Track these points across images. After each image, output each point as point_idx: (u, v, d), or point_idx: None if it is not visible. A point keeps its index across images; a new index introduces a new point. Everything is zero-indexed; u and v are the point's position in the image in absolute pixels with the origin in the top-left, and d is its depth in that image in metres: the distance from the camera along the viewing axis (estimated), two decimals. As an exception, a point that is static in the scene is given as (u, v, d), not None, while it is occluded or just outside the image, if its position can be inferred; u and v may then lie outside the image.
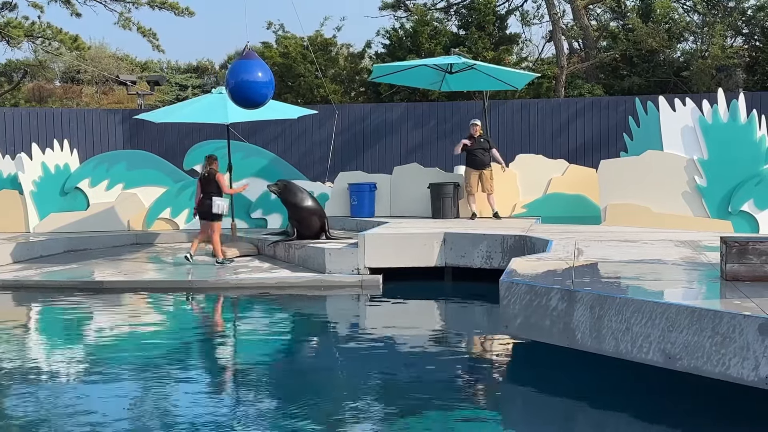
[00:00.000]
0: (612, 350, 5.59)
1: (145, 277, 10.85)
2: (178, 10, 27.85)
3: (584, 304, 5.74)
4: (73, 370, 6.71)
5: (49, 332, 8.60)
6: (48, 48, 28.97)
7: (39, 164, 14.39)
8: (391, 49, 25.07)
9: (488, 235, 10.43)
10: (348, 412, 5.52)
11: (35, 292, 10.27)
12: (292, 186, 12.07)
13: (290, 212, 12.01)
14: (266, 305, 9.62)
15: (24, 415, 5.44)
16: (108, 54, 33.44)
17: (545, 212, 13.36)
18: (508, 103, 20.19)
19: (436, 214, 13.40)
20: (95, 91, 31.88)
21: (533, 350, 6.62)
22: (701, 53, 23.78)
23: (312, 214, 11.90)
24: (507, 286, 6.37)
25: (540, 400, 5.80)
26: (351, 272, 10.41)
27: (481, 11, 24.52)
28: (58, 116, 20.77)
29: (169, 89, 31.43)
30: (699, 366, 5.10)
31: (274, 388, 6.24)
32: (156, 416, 5.41)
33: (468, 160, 13.25)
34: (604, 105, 19.65)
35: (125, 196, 14.66)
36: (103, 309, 9.33)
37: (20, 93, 30.97)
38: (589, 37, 26.17)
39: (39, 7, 28.45)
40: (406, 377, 6.40)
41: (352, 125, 20.18)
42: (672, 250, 8.36)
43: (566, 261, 7.52)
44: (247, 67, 10.16)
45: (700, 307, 5.11)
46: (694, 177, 11.39)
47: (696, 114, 11.54)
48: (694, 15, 26.07)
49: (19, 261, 11.99)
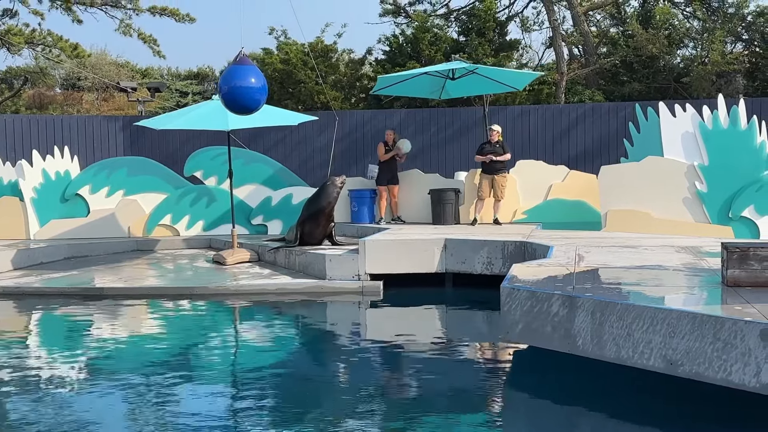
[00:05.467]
0: (613, 356, 5.58)
1: (146, 283, 10.84)
2: (179, 17, 27.89)
3: (585, 310, 5.74)
4: (73, 377, 6.69)
5: (49, 339, 8.59)
6: (48, 55, 29.02)
7: (39, 171, 14.40)
8: (392, 56, 25.09)
9: (489, 241, 10.43)
10: (348, 420, 5.50)
11: (36, 298, 10.26)
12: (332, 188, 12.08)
13: (314, 211, 11.93)
14: (267, 312, 9.61)
15: (25, 423, 5.43)
16: (109, 61, 33.49)
17: (546, 218, 13.38)
18: (508, 109, 20.19)
19: (436, 220, 13.42)
20: (96, 98, 31.91)
21: (535, 356, 6.61)
22: (701, 59, 23.82)
23: (329, 220, 11.92)
24: (508, 292, 6.37)
25: (542, 407, 5.78)
26: (352, 278, 10.41)
27: (481, 17, 24.56)
28: (59, 123, 20.78)
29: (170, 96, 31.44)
30: (701, 372, 5.09)
31: (274, 395, 6.22)
32: (156, 423, 5.39)
33: (483, 166, 13.30)
34: (605, 111, 19.66)
35: (126, 203, 14.67)
36: (104, 316, 9.32)
37: (21, 100, 30.99)
38: (589, 43, 26.21)
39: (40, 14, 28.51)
40: (407, 384, 6.39)
41: (352, 131, 20.18)
42: (673, 255, 8.35)
43: (567, 267, 7.52)
44: (240, 72, 10.15)
45: (701, 313, 5.10)
46: (694, 183, 11.39)
47: (696, 120, 11.55)
48: (693, 21, 26.12)
49: (20, 267, 11.99)
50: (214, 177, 15.00)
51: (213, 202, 14.87)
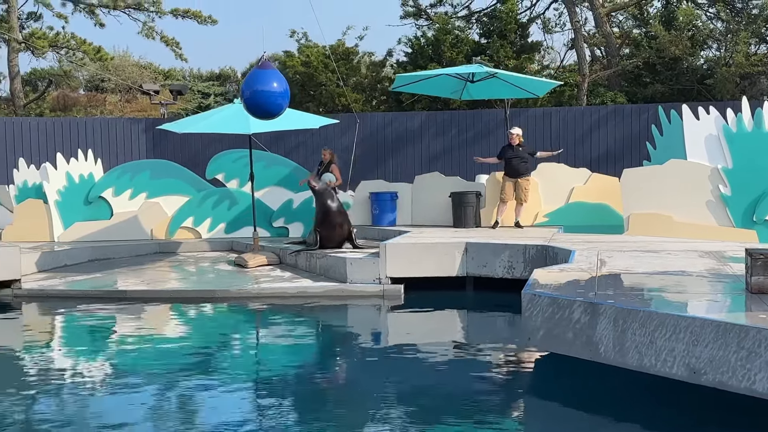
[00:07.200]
0: (636, 364, 5.55)
1: (168, 286, 10.91)
2: (201, 19, 28.09)
3: (607, 318, 5.71)
4: (97, 379, 6.75)
5: (73, 341, 8.67)
6: (72, 58, 29.30)
7: (63, 174, 14.53)
8: (413, 58, 25.09)
9: (510, 245, 10.40)
10: (368, 423, 5.51)
11: (60, 301, 10.36)
12: (331, 191, 12.13)
13: (320, 217, 12.00)
14: (287, 315, 9.64)
15: (50, 424, 5.48)
16: (131, 62, 33.74)
17: (567, 221, 13.31)
18: (530, 111, 20.13)
19: (457, 223, 13.38)
20: (119, 100, 32.17)
21: (556, 362, 6.58)
22: (725, 61, 23.59)
23: (341, 222, 11.94)
24: (529, 298, 6.35)
25: (562, 413, 5.76)
26: (372, 282, 10.41)
27: (502, 19, 24.49)
28: (83, 125, 20.98)
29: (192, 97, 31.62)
30: (724, 381, 5.05)
31: (294, 397, 6.25)
32: (179, 425, 5.43)
33: (505, 169, 13.26)
34: (627, 113, 19.55)
35: (148, 205, 14.77)
36: (127, 318, 9.40)
37: (45, 102, 31.28)
38: (611, 45, 26.05)
39: (63, 17, 28.83)
40: (427, 388, 6.38)
41: (373, 134, 20.21)
42: (696, 260, 8.29)
43: (589, 272, 7.48)
44: (262, 77, 10.16)
45: (725, 321, 5.06)
46: (718, 186, 11.29)
47: (720, 122, 11.45)
48: (717, 22, 25.89)
49: (44, 270, 12.10)
50: (236, 179, 15.07)
51: (234, 204, 14.93)
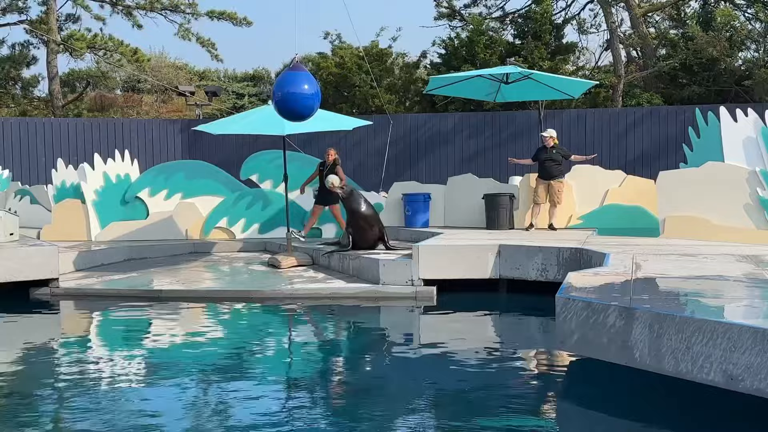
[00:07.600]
0: (672, 370, 5.49)
1: (203, 286, 11.02)
2: (237, 20, 28.31)
3: (643, 322, 5.65)
4: (132, 377, 6.84)
5: (109, 340, 8.79)
6: (109, 59, 29.68)
7: (101, 174, 14.72)
8: (447, 59, 25.07)
9: (544, 247, 10.34)
10: (401, 425, 5.52)
11: (96, 300, 10.51)
12: (357, 193, 12.16)
13: (349, 219, 12.07)
14: (321, 315, 9.69)
15: (86, 421, 5.56)
16: (167, 63, 34.11)
17: (602, 224, 13.20)
18: (564, 113, 20.01)
19: (490, 225, 13.33)
20: (155, 100, 32.54)
21: (590, 367, 6.53)
22: (764, 62, 23.24)
23: (371, 224, 11.96)
24: (563, 302, 6.31)
25: (597, 418, 5.72)
26: (405, 283, 10.41)
27: (537, 20, 24.38)
28: (120, 126, 21.25)
29: (226, 98, 31.89)
30: (762, 388, 4.98)
31: (327, 398, 6.28)
32: (214, 424, 5.48)
33: (539, 171, 13.22)
34: (663, 115, 19.35)
35: (184, 206, 14.92)
36: (162, 318, 9.51)
37: (83, 103, 31.73)
38: (647, 46, 25.80)
39: (101, 19, 29.22)
40: (459, 390, 6.38)
41: (406, 135, 20.22)
42: (733, 265, 8.18)
43: (624, 276, 7.41)
44: (293, 79, 10.20)
45: (763, 328, 4.99)
46: (756, 189, 11.12)
47: (759, 124, 11.28)
48: (756, 23, 25.52)
49: (81, 269, 12.27)
50: (270, 180, 15.17)
51: (268, 205, 15.03)
